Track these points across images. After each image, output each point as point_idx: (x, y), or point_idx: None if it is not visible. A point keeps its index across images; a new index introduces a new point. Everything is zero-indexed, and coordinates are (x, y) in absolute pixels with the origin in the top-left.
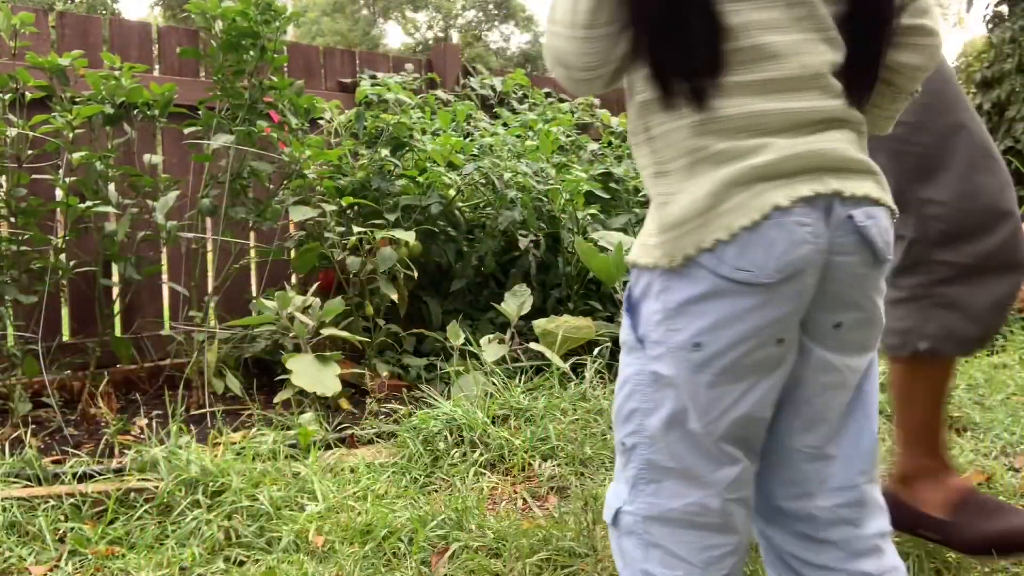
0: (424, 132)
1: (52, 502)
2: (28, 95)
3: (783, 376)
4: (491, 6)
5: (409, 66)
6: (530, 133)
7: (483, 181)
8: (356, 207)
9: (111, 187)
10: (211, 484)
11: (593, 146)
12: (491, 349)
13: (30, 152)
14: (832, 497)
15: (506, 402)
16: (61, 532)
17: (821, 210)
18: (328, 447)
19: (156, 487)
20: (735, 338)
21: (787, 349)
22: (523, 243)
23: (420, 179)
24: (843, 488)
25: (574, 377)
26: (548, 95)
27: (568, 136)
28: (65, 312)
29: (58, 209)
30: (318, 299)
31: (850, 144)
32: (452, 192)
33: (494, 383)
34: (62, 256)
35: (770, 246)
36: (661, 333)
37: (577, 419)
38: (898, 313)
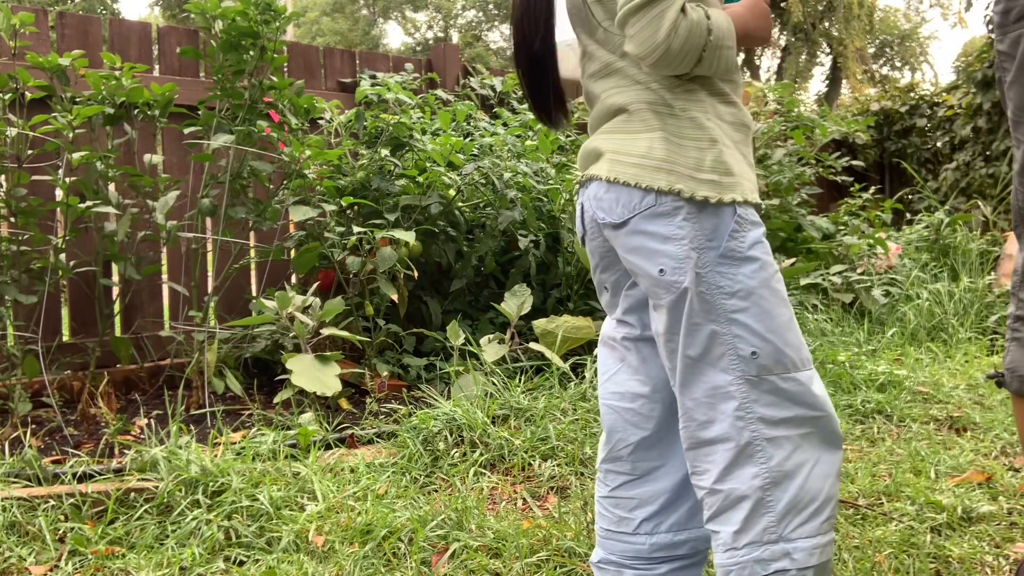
0: (424, 132)
1: (52, 502)
2: (28, 95)
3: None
4: (491, 6)
5: (409, 66)
6: (530, 133)
7: (483, 181)
8: (356, 207)
9: (111, 187)
10: (211, 484)
11: None
12: (491, 349)
13: (30, 152)
14: None
15: (506, 402)
16: (61, 532)
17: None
18: (328, 447)
19: (156, 487)
20: None
21: (612, 301)
22: (523, 243)
23: (420, 179)
24: None
25: (574, 377)
26: None
27: (568, 136)
28: (65, 312)
29: (58, 209)
30: (318, 299)
31: (595, 140)
32: (452, 192)
33: (494, 383)
34: (62, 256)
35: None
36: None
37: (577, 419)
38: (1007, 339)
